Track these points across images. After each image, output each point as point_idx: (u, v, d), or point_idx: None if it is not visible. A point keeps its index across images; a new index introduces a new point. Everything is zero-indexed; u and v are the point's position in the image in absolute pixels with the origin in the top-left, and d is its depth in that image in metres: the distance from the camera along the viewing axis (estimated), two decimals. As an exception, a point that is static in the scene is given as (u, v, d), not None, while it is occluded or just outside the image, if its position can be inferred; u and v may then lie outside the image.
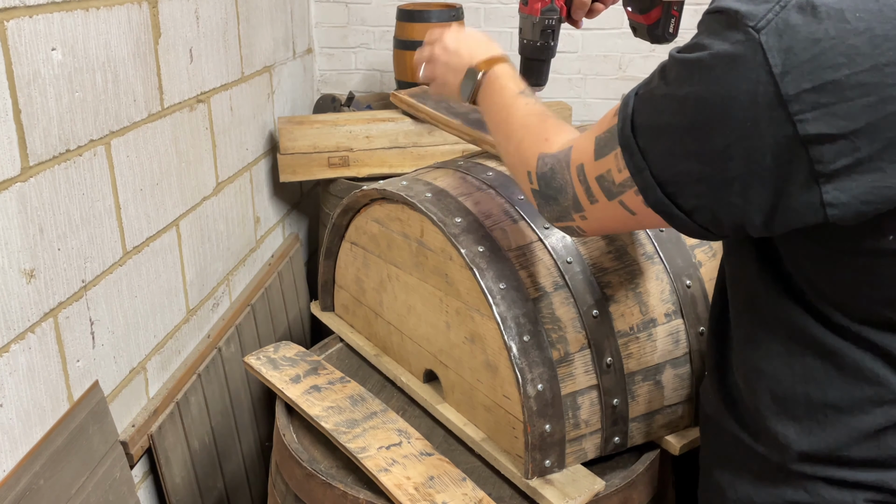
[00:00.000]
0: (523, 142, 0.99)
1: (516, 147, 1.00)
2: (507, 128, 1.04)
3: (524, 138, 0.99)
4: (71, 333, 1.34)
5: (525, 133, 1.00)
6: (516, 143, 1.00)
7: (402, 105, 1.80)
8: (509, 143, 1.03)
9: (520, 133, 1.00)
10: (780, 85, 0.66)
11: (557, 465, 1.17)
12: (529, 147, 0.97)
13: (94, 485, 1.35)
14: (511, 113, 1.04)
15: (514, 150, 1.01)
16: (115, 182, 1.45)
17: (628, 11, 1.37)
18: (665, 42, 1.37)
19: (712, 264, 1.29)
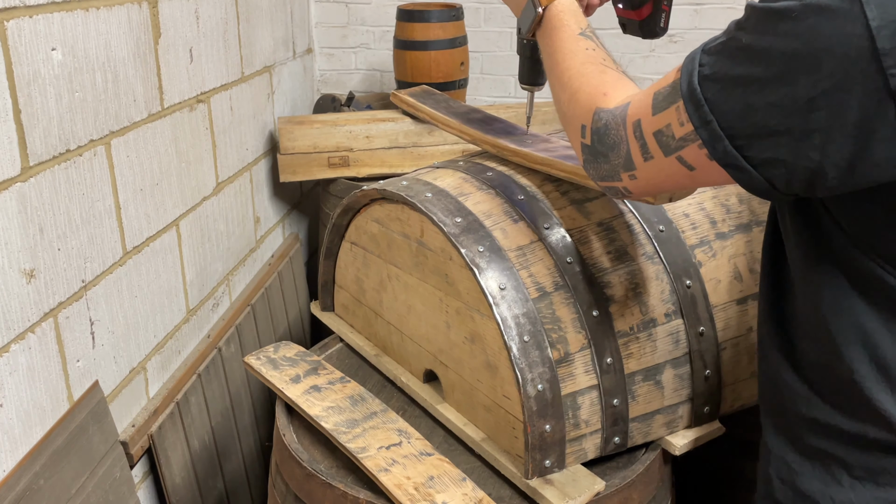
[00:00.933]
0: (579, 92, 0.94)
1: (571, 96, 0.95)
2: (562, 74, 0.98)
3: (580, 88, 0.94)
4: (71, 333, 1.34)
5: (582, 83, 0.95)
6: (571, 93, 0.95)
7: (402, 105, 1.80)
8: (563, 91, 0.97)
9: (576, 82, 0.95)
10: (877, 39, 0.65)
11: (557, 465, 1.17)
12: (586, 99, 0.92)
13: (94, 485, 1.35)
14: (568, 57, 0.98)
15: (567, 100, 0.96)
16: (115, 182, 1.45)
17: (618, 9, 1.36)
18: (656, 37, 1.37)
19: (712, 264, 1.29)
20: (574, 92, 0.96)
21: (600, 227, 1.26)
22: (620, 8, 1.36)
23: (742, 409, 1.35)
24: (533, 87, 1.36)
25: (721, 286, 1.29)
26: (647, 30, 1.35)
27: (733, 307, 1.30)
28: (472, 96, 3.02)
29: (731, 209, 1.35)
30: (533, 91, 1.38)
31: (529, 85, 1.36)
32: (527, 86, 1.37)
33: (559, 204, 1.28)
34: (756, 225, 1.35)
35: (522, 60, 1.35)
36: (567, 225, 1.25)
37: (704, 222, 1.32)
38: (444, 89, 2.47)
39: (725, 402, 1.31)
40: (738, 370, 1.31)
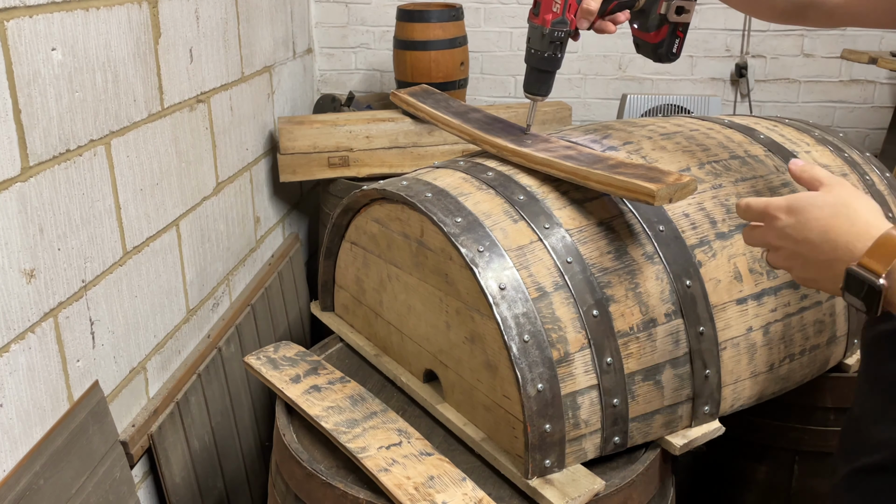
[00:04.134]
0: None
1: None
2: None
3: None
4: (71, 333, 1.34)
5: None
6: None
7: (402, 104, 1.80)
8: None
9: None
10: None
11: (557, 465, 1.17)
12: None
13: (94, 485, 1.35)
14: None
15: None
16: (115, 182, 1.45)
17: (634, 29, 1.37)
18: (667, 61, 1.38)
19: (712, 264, 1.29)
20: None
21: (600, 227, 1.26)
22: (636, 28, 1.37)
23: (742, 409, 1.35)
24: (537, 96, 1.37)
25: (721, 286, 1.29)
26: (660, 53, 1.36)
27: (733, 307, 1.30)
28: (472, 96, 3.02)
29: (731, 209, 1.35)
30: (536, 100, 1.38)
31: (534, 94, 1.36)
32: (531, 95, 1.37)
33: (559, 204, 1.28)
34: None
35: (530, 70, 1.35)
36: (567, 225, 1.25)
37: (704, 222, 1.32)
38: (444, 89, 2.47)
39: (725, 402, 1.31)
40: (738, 370, 1.31)
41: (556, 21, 1.26)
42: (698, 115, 1.80)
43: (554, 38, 1.27)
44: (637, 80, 3.01)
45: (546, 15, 1.26)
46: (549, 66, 1.32)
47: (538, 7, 1.28)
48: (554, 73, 1.34)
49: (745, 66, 2.93)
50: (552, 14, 1.26)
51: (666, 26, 1.33)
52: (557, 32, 1.27)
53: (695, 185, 1.15)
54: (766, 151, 1.49)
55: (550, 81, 1.35)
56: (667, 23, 1.33)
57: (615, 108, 3.02)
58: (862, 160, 1.59)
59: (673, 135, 1.48)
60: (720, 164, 1.41)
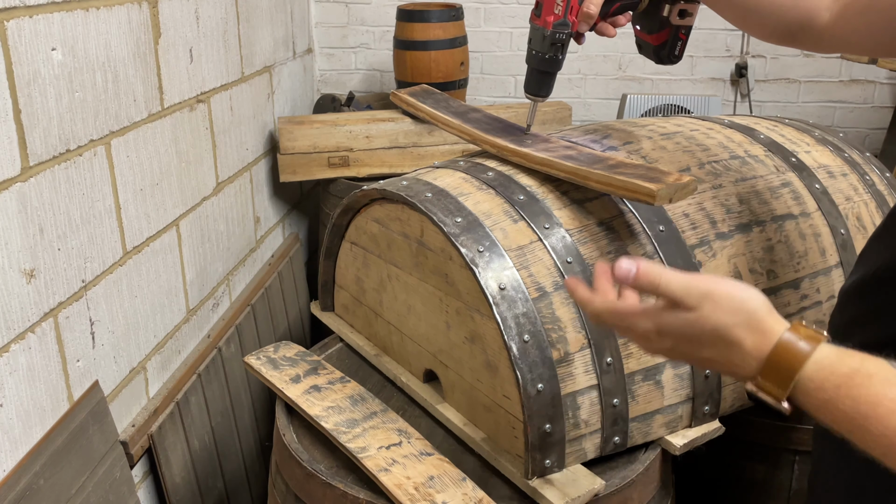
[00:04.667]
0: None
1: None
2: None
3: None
4: (71, 333, 1.34)
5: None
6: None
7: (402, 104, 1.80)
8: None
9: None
10: None
11: (557, 465, 1.17)
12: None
13: (94, 485, 1.35)
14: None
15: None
16: (115, 182, 1.45)
17: (636, 30, 1.38)
18: (669, 63, 1.38)
19: (712, 264, 1.29)
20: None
21: (600, 227, 1.26)
22: (639, 29, 1.37)
23: (742, 408, 1.35)
24: (537, 97, 1.37)
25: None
26: (662, 55, 1.36)
27: (733, 307, 1.29)
28: (472, 96, 3.02)
29: (731, 209, 1.35)
30: (536, 101, 1.38)
31: (535, 95, 1.36)
32: (532, 96, 1.37)
33: (559, 204, 1.28)
34: (756, 225, 1.35)
35: (531, 71, 1.35)
36: (567, 225, 1.25)
37: (704, 222, 1.32)
38: (444, 89, 2.47)
39: (725, 402, 1.31)
40: (738, 370, 1.31)
41: (558, 23, 1.26)
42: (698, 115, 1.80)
43: (555, 40, 1.27)
44: (637, 80, 3.01)
45: (548, 16, 1.26)
46: (550, 67, 1.32)
47: (540, 8, 1.28)
48: (555, 75, 1.34)
49: (745, 66, 2.93)
50: (554, 16, 1.26)
51: (668, 29, 1.33)
52: (559, 34, 1.27)
53: (695, 185, 1.15)
54: (766, 151, 1.49)
55: (551, 82, 1.35)
56: (669, 25, 1.33)
57: (615, 108, 3.02)
58: (862, 160, 1.59)
59: (673, 135, 1.48)
60: (720, 164, 1.41)
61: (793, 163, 1.48)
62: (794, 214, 1.40)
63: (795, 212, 1.40)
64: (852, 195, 1.48)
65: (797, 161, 1.49)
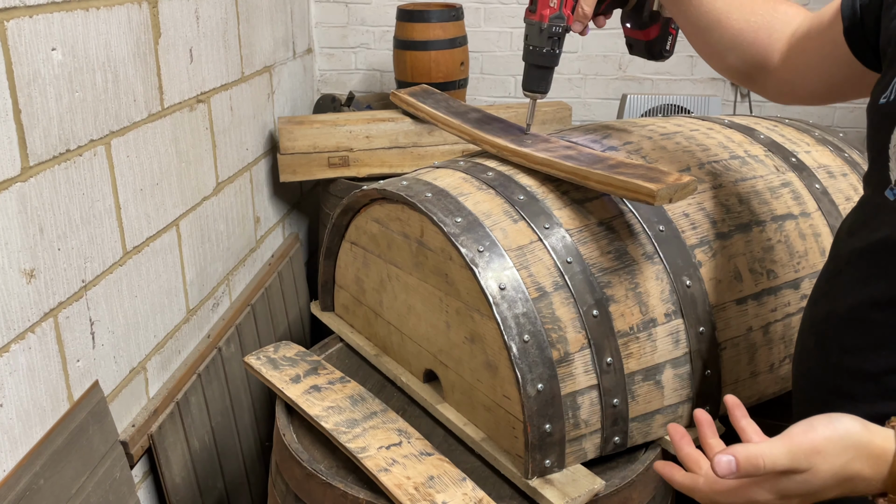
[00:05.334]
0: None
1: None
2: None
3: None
4: (71, 333, 1.34)
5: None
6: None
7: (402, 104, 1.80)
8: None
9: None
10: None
11: (557, 465, 1.17)
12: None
13: (94, 485, 1.35)
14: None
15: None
16: (115, 182, 1.45)
17: (626, 28, 1.37)
18: (661, 59, 1.38)
19: (712, 264, 1.29)
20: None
21: (600, 227, 1.26)
22: (628, 27, 1.37)
23: (742, 408, 1.35)
24: (536, 94, 1.37)
25: (721, 286, 1.29)
26: (654, 51, 1.36)
27: (733, 307, 1.30)
28: (472, 96, 3.02)
29: (732, 209, 1.35)
30: (535, 98, 1.38)
31: (533, 92, 1.36)
32: (530, 93, 1.37)
33: (559, 204, 1.28)
34: (756, 225, 1.35)
35: (529, 67, 1.35)
36: (567, 225, 1.25)
37: (704, 222, 1.32)
38: (444, 89, 2.47)
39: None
40: (738, 370, 1.31)
41: (554, 16, 1.26)
42: (698, 115, 1.80)
43: (552, 34, 1.27)
44: (637, 80, 3.01)
45: (543, 10, 1.26)
46: (548, 62, 1.32)
47: (535, 4, 1.28)
48: (552, 70, 1.34)
49: (745, 66, 2.93)
50: (549, 9, 1.26)
51: (658, 23, 1.33)
52: (555, 27, 1.27)
53: (695, 184, 1.15)
54: (766, 151, 1.49)
55: (549, 78, 1.35)
56: (659, 19, 1.32)
57: (615, 108, 3.02)
58: (862, 160, 1.59)
59: (673, 135, 1.48)
60: (720, 164, 1.41)
61: (793, 163, 1.48)
62: (795, 214, 1.40)
63: (795, 212, 1.40)
64: (852, 195, 1.48)
65: (797, 161, 1.49)
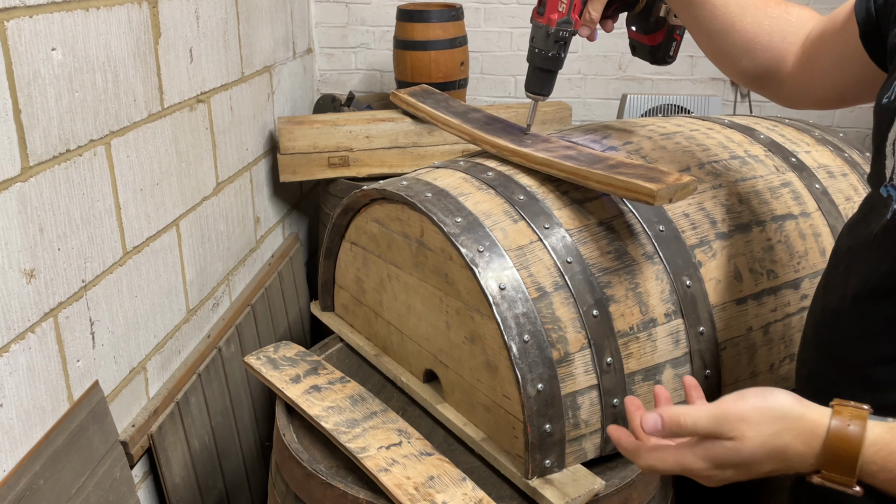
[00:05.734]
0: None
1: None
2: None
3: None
4: (71, 333, 1.34)
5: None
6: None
7: (402, 104, 1.80)
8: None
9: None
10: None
11: (557, 465, 1.17)
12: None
13: (94, 485, 1.35)
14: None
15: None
16: (115, 182, 1.45)
17: (631, 31, 1.38)
18: (664, 64, 1.38)
19: (712, 264, 1.29)
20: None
21: (600, 227, 1.26)
22: (633, 31, 1.37)
23: (742, 408, 1.34)
24: (538, 96, 1.37)
25: (721, 286, 1.29)
26: (658, 56, 1.36)
27: (733, 307, 1.30)
28: (472, 96, 3.02)
29: (732, 209, 1.35)
30: (537, 100, 1.38)
31: (536, 94, 1.36)
32: (533, 94, 1.37)
33: (559, 204, 1.28)
34: (756, 225, 1.35)
35: (532, 69, 1.35)
36: (567, 225, 1.25)
37: (704, 222, 1.32)
38: (444, 89, 2.47)
39: (725, 402, 1.31)
40: (738, 370, 1.31)
41: (562, 21, 1.26)
42: (698, 115, 1.80)
43: (559, 38, 1.28)
44: (637, 80, 3.01)
45: (552, 14, 1.26)
46: (553, 65, 1.32)
47: (543, 6, 1.28)
48: (556, 73, 1.34)
49: (745, 66, 2.93)
50: (558, 14, 1.26)
51: (664, 29, 1.33)
52: (562, 32, 1.27)
53: (695, 184, 1.15)
54: (766, 151, 1.49)
55: (552, 81, 1.35)
56: (665, 26, 1.33)
57: (615, 108, 3.02)
58: (862, 160, 1.59)
59: (673, 135, 1.48)
60: (720, 164, 1.41)
61: (793, 163, 1.48)
62: (795, 214, 1.40)
63: (795, 212, 1.40)
64: (852, 195, 1.48)
65: (797, 161, 1.49)
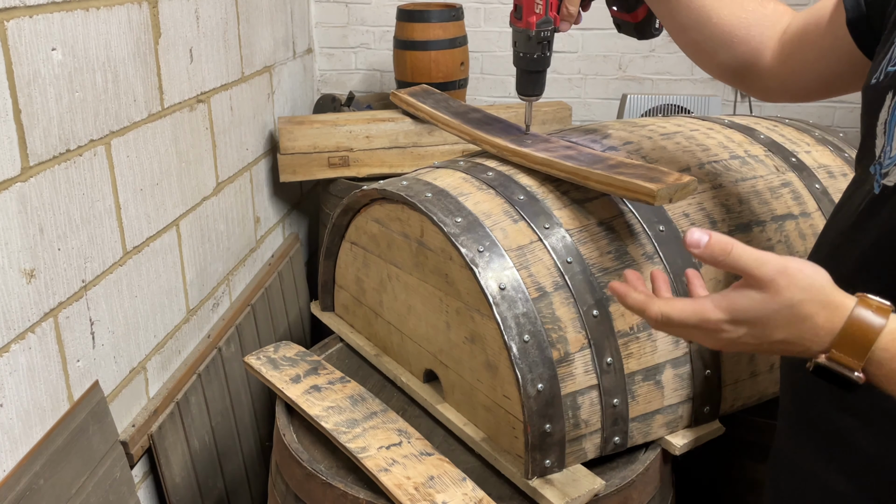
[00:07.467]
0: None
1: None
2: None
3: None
4: (71, 333, 1.34)
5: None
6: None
7: (402, 104, 1.80)
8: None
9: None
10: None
11: (557, 465, 1.17)
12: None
13: (94, 485, 1.35)
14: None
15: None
16: (115, 182, 1.45)
17: (613, 11, 1.37)
18: (651, 37, 1.37)
19: (712, 264, 1.29)
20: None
21: (600, 227, 1.26)
22: (615, 10, 1.37)
23: (742, 408, 1.35)
24: (531, 97, 1.37)
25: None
26: (643, 31, 1.35)
27: (733, 307, 1.29)
28: (472, 96, 3.02)
29: (732, 209, 1.35)
30: (531, 101, 1.38)
31: (528, 96, 1.36)
32: (525, 97, 1.37)
33: (559, 204, 1.28)
34: (756, 225, 1.35)
35: (520, 73, 1.34)
36: (567, 225, 1.25)
37: (705, 222, 1.32)
38: (444, 89, 2.47)
39: (725, 402, 1.31)
40: (738, 370, 1.31)
41: (541, 21, 1.25)
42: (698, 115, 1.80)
43: (541, 39, 1.27)
44: (637, 80, 3.01)
45: (529, 17, 1.26)
46: (539, 66, 1.32)
47: (520, 10, 1.27)
48: (545, 73, 1.34)
49: (745, 66, 2.92)
50: (536, 15, 1.25)
51: (645, 4, 1.32)
52: (543, 32, 1.27)
53: (695, 184, 1.15)
54: (767, 151, 1.49)
55: (542, 81, 1.35)
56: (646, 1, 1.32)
57: (615, 108, 3.02)
58: (862, 160, 1.59)
59: (673, 135, 1.48)
60: (720, 164, 1.41)
61: (793, 163, 1.48)
62: (795, 214, 1.40)
63: (795, 212, 1.40)
64: (852, 195, 1.48)
65: (797, 161, 1.49)
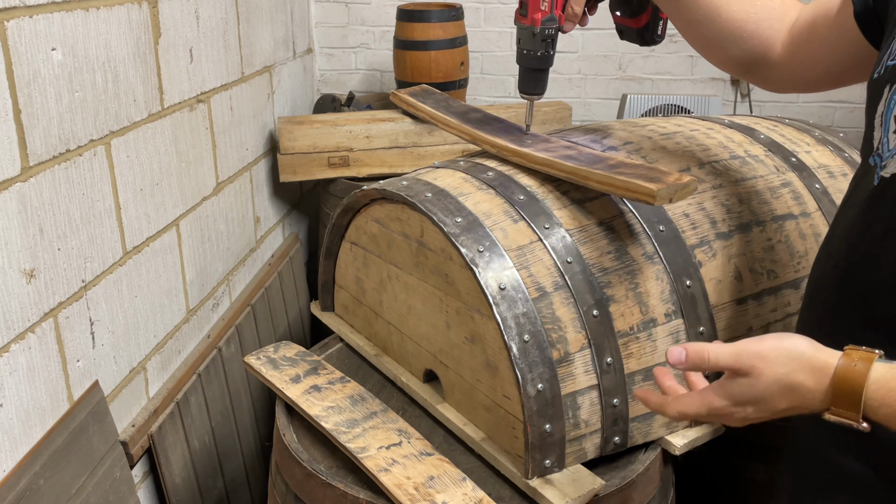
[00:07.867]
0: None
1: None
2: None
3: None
4: (71, 333, 1.34)
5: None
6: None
7: (402, 104, 1.80)
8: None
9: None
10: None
11: (557, 465, 1.17)
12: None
13: (94, 485, 1.35)
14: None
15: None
16: (115, 182, 1.45)
17: (616, 16, 1.37)
18: (654, 44, 1.38)
19: (713, 264, 1.29)
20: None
21: (600, 227, 1.26)
22: (618, 15, 1.37)
23: (742, 408, 1.34)
24: (532, 96, 1.37)
25: (721, 286, 1.29)
26: (646, 37, 1.36)
27: (733, 307, 1.30)
28: (472, 96, 3.02)
29: (732, 209, 1.35)
30: (532, 100, 1.38)
31: (530, 94, 1.36)
32: (527, 95, 1.37)
33: (559, 204, 1.28)
34: (756, 225, 1.35)
35: (524, 71, 1.35)
36: (567, 225, 1.25)
37: (704, 222, 1.32)
38: (444, 89, 2.47)
39: (725, 402, 1.31)
40: (738, 370, 1.31)
41: (546, 19, 1.26)
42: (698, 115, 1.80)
43: (545, 37, 1.28)
44: (637, 80, 3.01)
45: (535, 14, 1.26)
46: (543, 64, 1.32)
47: (525, 8, 1.27)
48: (547, 71, 1.34)
49: (745, 66, 2.92)
50: (541, 13, 1.26)
51: (649, 10, 1.33)
52: (548, 30, 1.27)
53: (695, 184, 1.15)
54: (767, 151, 1.49)
55: (545, 79, 1.35)
56: (649, 6, 1.32)
57: (615, 108, 3.02)
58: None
59: (673, 135, 1.48)
60: (720, 164, 1.41)
61: (793, 163, 1.48)
62: (795, 214, 1.40)
63: (796, 212, 1.40)
64: (852, 195, 1.48)
65: (797, 161, 1.49)
